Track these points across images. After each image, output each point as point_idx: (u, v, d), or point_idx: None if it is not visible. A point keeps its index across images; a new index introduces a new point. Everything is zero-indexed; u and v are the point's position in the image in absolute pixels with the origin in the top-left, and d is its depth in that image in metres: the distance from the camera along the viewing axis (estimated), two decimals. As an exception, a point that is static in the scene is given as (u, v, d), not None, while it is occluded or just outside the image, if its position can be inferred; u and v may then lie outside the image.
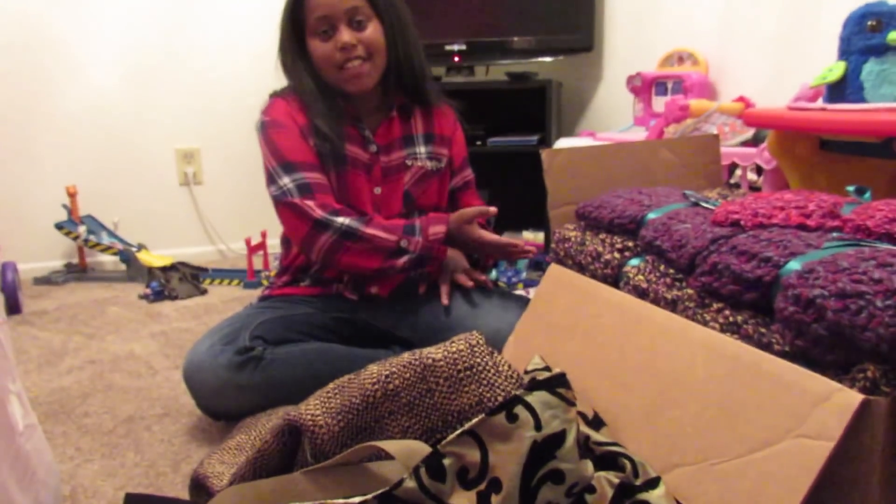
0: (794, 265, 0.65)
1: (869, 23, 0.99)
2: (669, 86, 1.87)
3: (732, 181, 1.48)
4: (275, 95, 1.31)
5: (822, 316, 0.59)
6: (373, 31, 1.23)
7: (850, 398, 0.55)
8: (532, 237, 2.26)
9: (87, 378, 1.44)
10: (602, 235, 0.90)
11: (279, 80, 1.32)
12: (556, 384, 0.60)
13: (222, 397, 1.13)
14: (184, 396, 1.18)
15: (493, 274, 2.00)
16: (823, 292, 0.59)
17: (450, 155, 1.39)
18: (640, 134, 1.88)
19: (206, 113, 2.48)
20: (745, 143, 1.49)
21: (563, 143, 1.98)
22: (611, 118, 2.30)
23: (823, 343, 0.60)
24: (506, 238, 1.27)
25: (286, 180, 1.20)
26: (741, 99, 1.67)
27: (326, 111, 1.24)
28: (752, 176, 1.43)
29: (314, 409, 0.72)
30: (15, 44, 2.21)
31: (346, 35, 1.20)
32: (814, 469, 0.52)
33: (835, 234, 0.70)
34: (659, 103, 1.88)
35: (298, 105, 1.27)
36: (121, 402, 1.31)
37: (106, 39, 2.34)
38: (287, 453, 0.75)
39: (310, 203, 1.18)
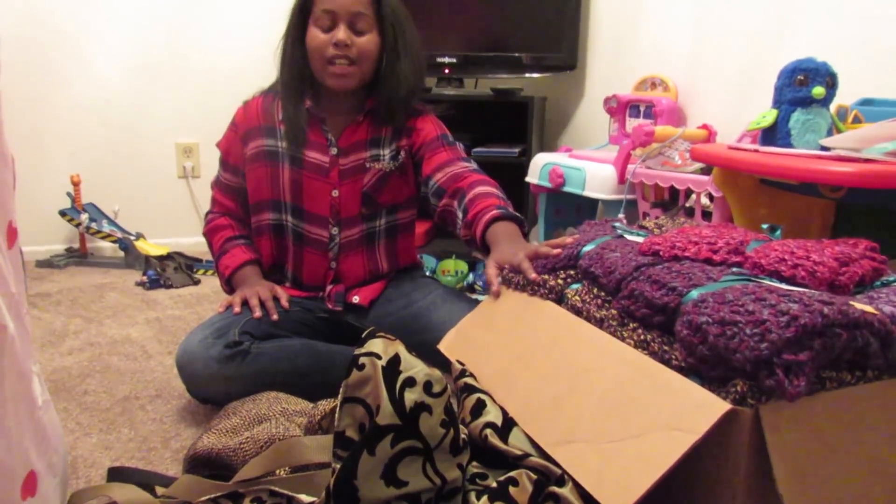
0: (693, 295, 0.77)
1: (798, 77, 1.12)
2: (642, 109, 1.99)
3: (688, 205, 1.61)
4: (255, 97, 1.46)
5: (705, 339, 0.71)
6: (368, 41, 1.33)
7: (720, 406, 0.67)
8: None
9: (86, 359, 1.55)
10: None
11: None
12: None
13: (211, 385, 1.21)
14: (175, 380, 1.29)
15: (471, 277, 2.13)
16: (708, 319, 0.71)
17: (410, 142, 1.44)
18: (613, 152, 2.00)
19: (206, 110, 2.58)
20: (703, 170, 1.61)
21: (541, 157, 2.10)
22: (590, 134, 2.42)
23: (707, 361, 0.72)
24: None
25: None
26: (705, 126, 1.80)
27: (293, 114, 1.37)
28: (705, 201, 1.55)
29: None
30: (25, 37, 2.31)
31: (342, 33, 1.30)
32: (676, 453, 0.64)
33: (734, 269, 0.83)
34: (632, 125, 2.00)
35: (261, 108, 1.42)
36: (117, 382, 1.43)
37: (112, 36, 2.44)
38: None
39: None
